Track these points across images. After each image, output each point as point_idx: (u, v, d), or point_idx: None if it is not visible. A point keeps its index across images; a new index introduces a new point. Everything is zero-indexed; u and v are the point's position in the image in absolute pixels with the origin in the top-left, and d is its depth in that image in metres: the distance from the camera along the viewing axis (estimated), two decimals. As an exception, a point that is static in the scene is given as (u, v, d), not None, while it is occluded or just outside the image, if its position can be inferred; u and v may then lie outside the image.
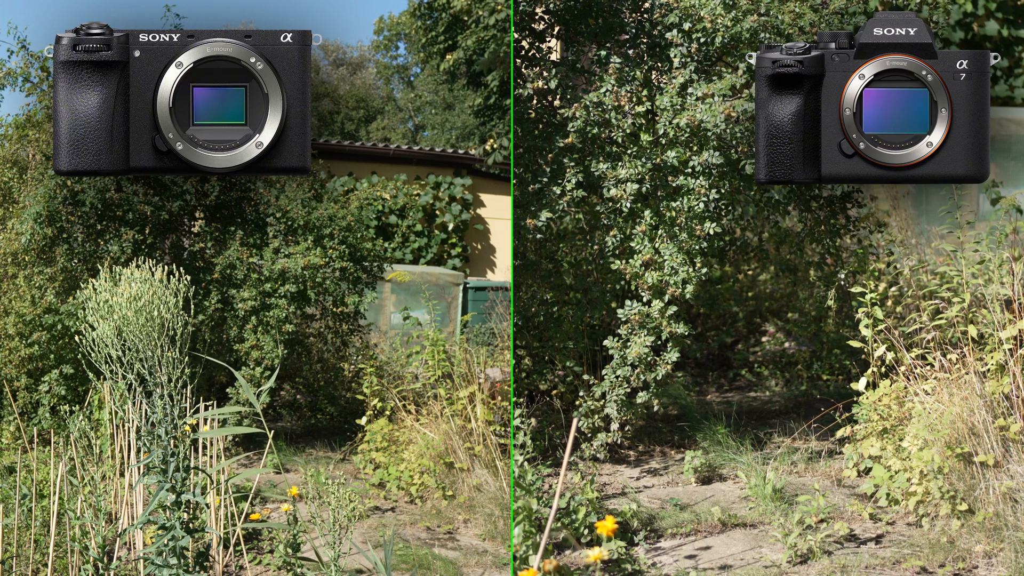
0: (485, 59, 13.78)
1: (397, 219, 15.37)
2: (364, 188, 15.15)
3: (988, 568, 4.63)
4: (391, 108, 32.86)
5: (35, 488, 4.71)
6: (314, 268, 7.44)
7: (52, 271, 7.46)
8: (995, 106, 10.80)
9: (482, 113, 14.93)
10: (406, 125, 32.27)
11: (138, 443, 4.82)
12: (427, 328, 7.01)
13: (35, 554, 4.53)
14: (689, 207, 5.86)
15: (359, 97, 32.26)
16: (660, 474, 6.22)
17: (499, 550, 5.51)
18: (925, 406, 5.28)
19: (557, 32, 6.34)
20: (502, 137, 14.11)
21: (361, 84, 33.30)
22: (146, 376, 3.20)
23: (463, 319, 9.25)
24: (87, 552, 4.18)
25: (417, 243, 15.37)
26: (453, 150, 16.82)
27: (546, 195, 6.00)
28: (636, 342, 5.91)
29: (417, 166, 16.11)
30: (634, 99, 6.00)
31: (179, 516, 3.25)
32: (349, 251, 7.85)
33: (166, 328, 3.18)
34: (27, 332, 7.21)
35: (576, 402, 6.26)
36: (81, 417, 4.50)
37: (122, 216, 7.50)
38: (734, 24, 5.79)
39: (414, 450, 6.40)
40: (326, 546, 3.53)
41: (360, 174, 15.81)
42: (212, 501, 4.82)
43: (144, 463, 3.30)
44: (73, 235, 7.50)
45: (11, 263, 7.70)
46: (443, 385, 6.63)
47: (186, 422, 3.28)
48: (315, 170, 13.02)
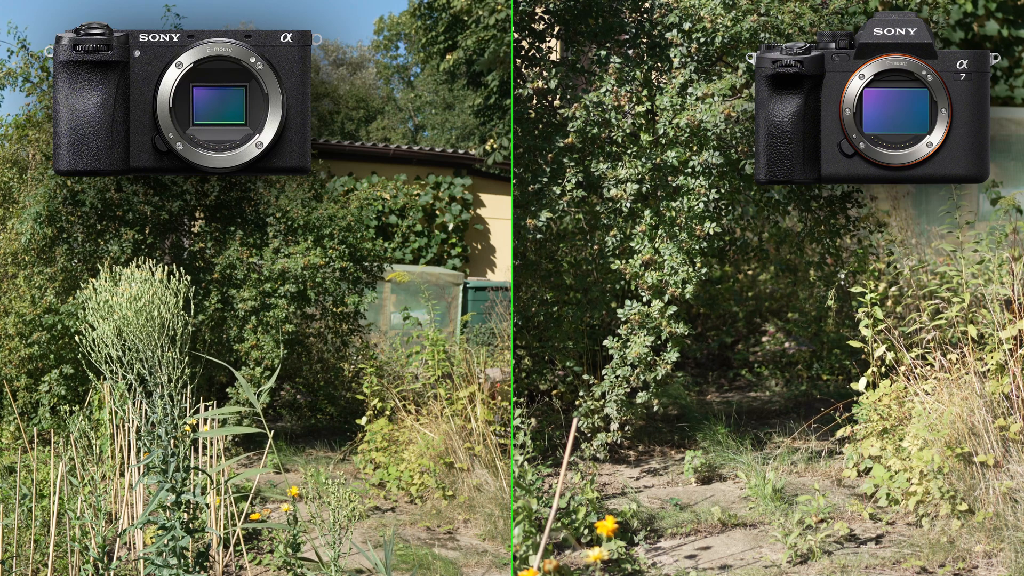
0: (485, 59, 13.78)
1: (397, 219, 15.37)
2: (364, 188, 15.15)
3: (988, 568, 4.63)
4: (391, 108, 32.86)
5: (35, 488, 4.71)
6: (314, 268, 7.44)
7: (52, 271, 7.46)
8: (995, 106, 10.80)
9: (482, 113, 14.94)
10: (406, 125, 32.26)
11: (138, 443, 4.82)
12: (427, 328, 7.01)
13: (35, 554, 4.53)
14: (689, 207, 5.86)
15: (359, 97, 32.25)
16: (660, 474, 6.22)
17: (499, 550, 5.51)
18: (925, 406, 5.28)
19: (557, 32, 6.34)
20: (502, 137, 14.11)
21: (361, 84, 33.30)
22: (146, 376, 3.20)
23: (463, 319, 9.25)
24: (87, 552, 4.18)
25: (417, 243, 15.37)
26: (453, 150, 16.82)
27: (546, 195, 6.00)
28: (636, 342, 5.91)
29: (417, 166, 16.11)
30: (634, 99, 6.00)
31: (179, 516, 3.25)
32: (349, 251, 7.85)
33: (166, 328, 3.18)
34: (27, 332, 7.21)
35: (576, 402, 6.26)
36: (81, 417, 4.50)
37: (122, 216, 7.49)
38: (734, 24, 5.79)
39: (414, 450, 6.40)
40: (326, 546, 3.53)
41: (360, 174, 15.81)
42: (212, 501, 4.82)
43: (144, 463, 3.30)
44: (73, 235, 7.50)
45: (11, 263, 7.70)
46: (443, 385, 6.63)
47: (186, 422, 3.28)
48: (315, 170, 13.02)
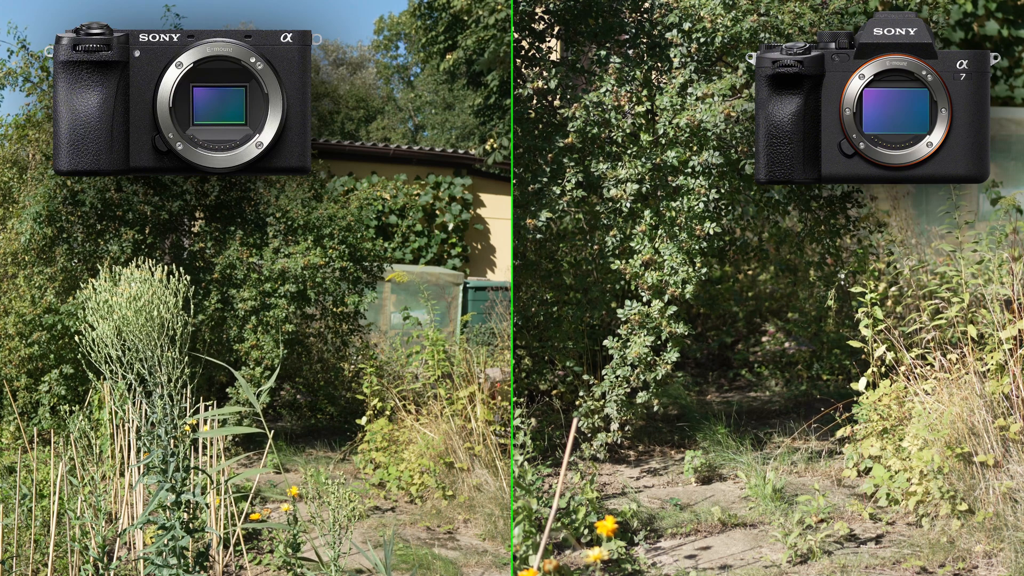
0: (485, 59, 13.79)
1: (397, 219, 15.37)
2: (364, 188, 15.15)
3: (988, 568, 4.63)
4: (391, 108, 32.87)
5: (35, 488, 4.71)
6: (314, 268, 7.44)
7: (52, 271, 7.46)
8: (995, 106, 10.79)
9: (482, 113, 14.94)
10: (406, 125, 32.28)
11: (138, 443, 4.82)
12: (427, 328, 7.00)
13: (35, 554, 4.53)
14: (689, 207, 5.86)
15: (359, 97, 32.27)
16: (660, 474, 6.22)
17: (499, 550, 5.51)
18: (925, 406, 5.28)
19: (557, 32, 6.34)
20: (502, 137, 14.11)
21: (361, 84, 33.31)
22: (146, 376, 3.20)
23: (463, 319, 9.25)
24: (87, 552, 4.18)
25: (417, 243, 15.37)
26: (453, 150, 16.82)
27: (546, 195, 6.00)
28: (636, 342, 5.91)
29: (417, 166, 16.11)
30: (634, 99, 5.99)
31: (179, 516, 3.25)
32: (349, 251, 7.85)
33: (166, 328, 3.18)
34: (27, 332, 7.21)
35: (576, 402, 6.26)
36: (81, 417, 4.50)
37: (122, 216, 7.49)
38: (734, 24, 5.79)
39: (414, 450, 6.40)
40: (326, 546, 3.53)
41: (360, 174, 15.81)
42: (212, 501, 4.82)
43: (144, 463, 3.30)
44: (73, 235, 7.50)
45: (11, 263, 7.69)
46: (443, 385, 6.63)
47: (186, 422, 3.28)
48: (315, 170, 13.03)
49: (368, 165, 16.01)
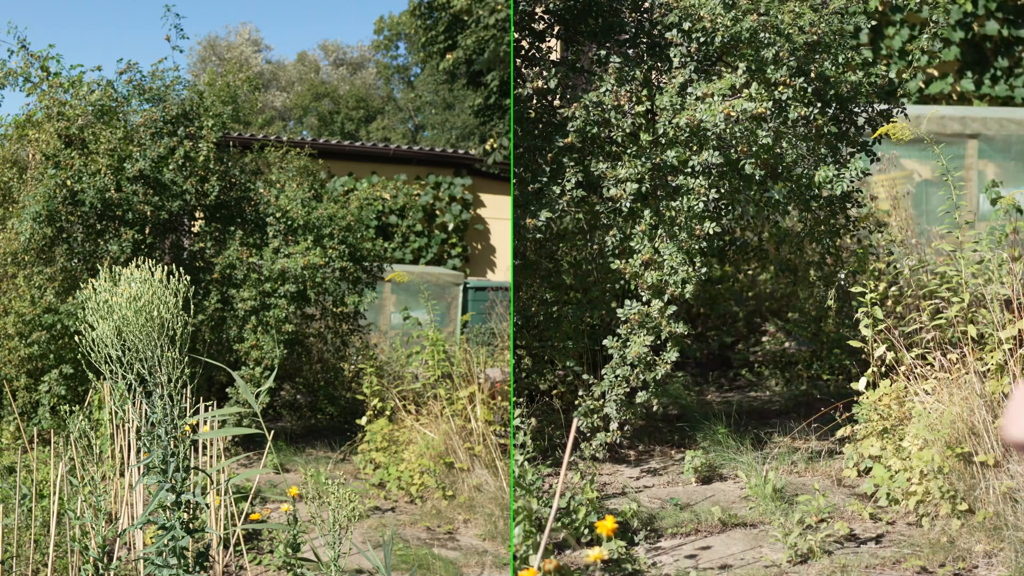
0: (485, 59, 13.80)
1: (397, 219, 15.38)
2: (364, 188, 15.16)
3: (988, 568, 4.62)
4: (391, 108, 32.88)
5: (35, 488, 4.71)
6: (314, 268, 7.44)
7: (52, 271, 7.46)
8: (995, 106, 10.80)
9: (482, 113, 14.96)
10: (406, 125, 32.29)
11: (138, 443, 4.82)
12: (427, 328, 7.01)
13: (35, 554, 4.53)
14: (689, 207, 5.85)
15: (359, 97, 32.27)
16: (660, 474, 6.22)
17: (499, 550, 5.51)
18: (925, 406, 5.28)
19: (557, 32, 6.34)
20: (502, 137, 14.12)
21: (361, 84, 33.33)
22: (146, 376, 3.20)
23: (463, 319, 9.25)
24: (87, 552, 4.18)
25: (417, 243, 15.38)
26: (453, 150, 16.83)
27: (546, 195, 6.00)
28: (636, 342, 5.90)
29: (417, 166, 16.12)
30: (634, 99, 5.99)
31: (179, 516, 3.25)
32: (349, 251, 7.85)
33: (166, 328, 3.18)
34: (27, 332, 7.22)
35: (576, 402, 6.26)
36: (81, 417, 4.50)
37: (122, 216, 7.49)
38: (734, 24, 5.79)
39: (414, 450, 6.40)
40: (326, 546, 3.53)
41: (360, 174, 15.82)
42: (212, 501, 4.82)
43: (144, 463, 3.30)
44: (73, 235, 7.50)
45: (11, 263, 7.70)
46: (443, 385, 6.64)
47: (186, 422, 3.28)
48: (315, 170, 13.02)
49: (368, 165, 16.02)
